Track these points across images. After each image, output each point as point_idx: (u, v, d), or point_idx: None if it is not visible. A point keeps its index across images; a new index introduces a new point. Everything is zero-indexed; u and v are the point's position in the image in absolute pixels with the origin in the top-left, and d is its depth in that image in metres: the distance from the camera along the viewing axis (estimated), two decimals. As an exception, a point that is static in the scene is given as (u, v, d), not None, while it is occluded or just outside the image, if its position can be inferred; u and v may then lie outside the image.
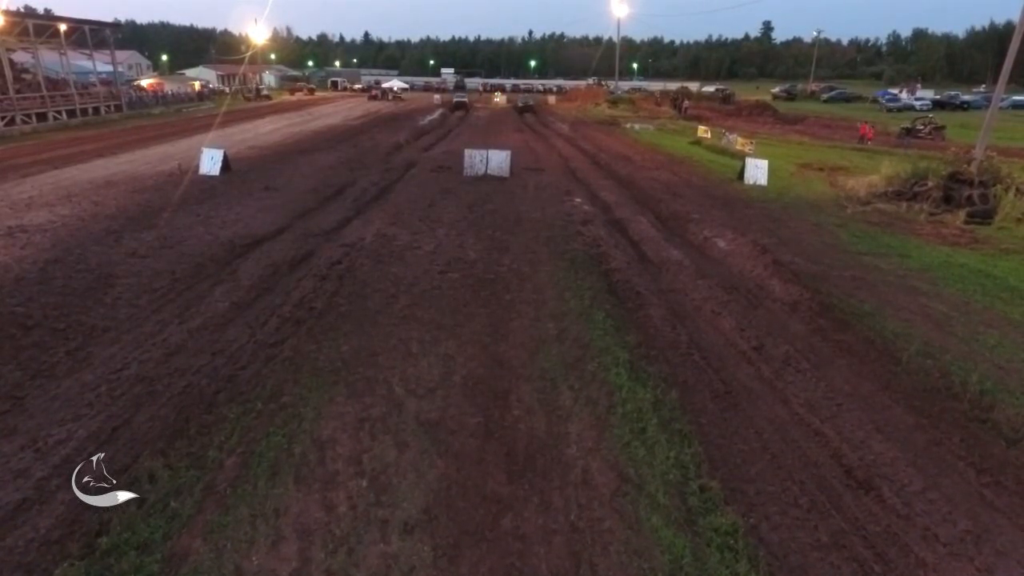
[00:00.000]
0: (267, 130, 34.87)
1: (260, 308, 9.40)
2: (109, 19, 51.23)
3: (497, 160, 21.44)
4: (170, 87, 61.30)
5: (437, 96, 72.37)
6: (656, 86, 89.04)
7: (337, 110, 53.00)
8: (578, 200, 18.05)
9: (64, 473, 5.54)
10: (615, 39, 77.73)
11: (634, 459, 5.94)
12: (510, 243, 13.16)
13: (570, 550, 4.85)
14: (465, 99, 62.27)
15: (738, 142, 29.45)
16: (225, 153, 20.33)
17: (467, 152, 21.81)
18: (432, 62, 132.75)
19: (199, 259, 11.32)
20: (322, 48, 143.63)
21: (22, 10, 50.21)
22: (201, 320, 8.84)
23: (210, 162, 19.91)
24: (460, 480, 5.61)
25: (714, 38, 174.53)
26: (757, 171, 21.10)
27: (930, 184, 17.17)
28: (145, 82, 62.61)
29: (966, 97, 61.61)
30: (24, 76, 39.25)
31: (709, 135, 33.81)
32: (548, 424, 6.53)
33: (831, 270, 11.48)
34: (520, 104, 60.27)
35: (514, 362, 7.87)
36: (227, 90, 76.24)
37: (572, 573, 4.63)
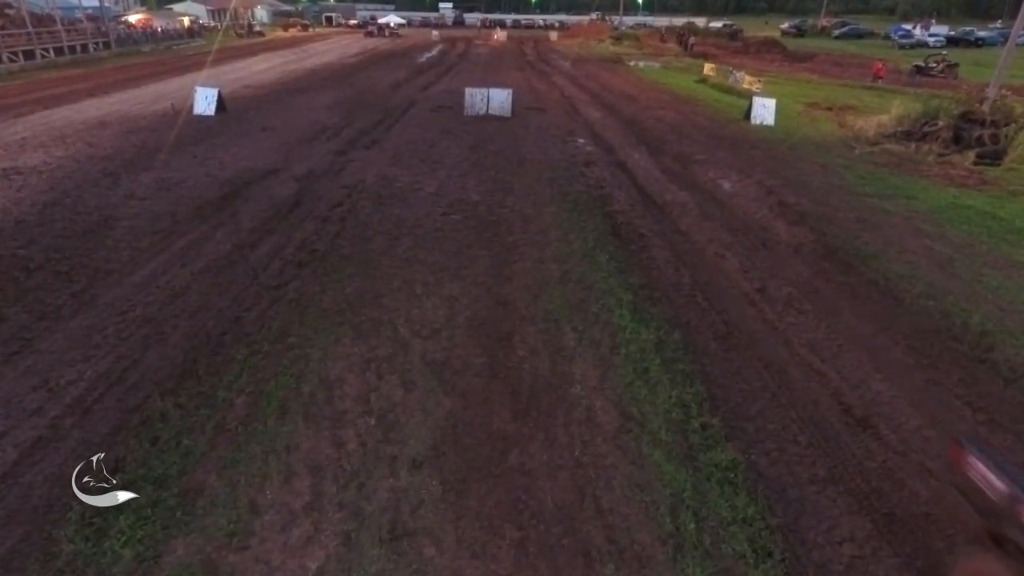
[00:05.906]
0: (261, 68, 33.90)
1: (262, 250, 9.38)
2: (92, -51, 48.63)
3: (498, 99, 20.94)
4: (159, 23, 59.13)
5: (435, 32, 70.01)
6: (661, 22, 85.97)
7: (332, 47, 51.35)
8: (581, 140, 17.72)
9: (77, 412, 5.67)
10: (620, -29, 74.61)
11: (637, 398, 6.04)
12: (513, 184, 12.99)
13: (575, 484, 4.99)
14: None
15: (745, 80, 28.61)
16: (220, 92, 19.83)
17: (468, 91, 21.27)
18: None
19: (198, 201, 11.21)
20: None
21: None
22: (204, 262, 8.83)
23: (204, 102, 19.43)
24: (466, 418, 5.72)
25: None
26: (764, 111, 20.61)
27: (940, 124, 16.79)
28: (133, 18, 60.29)
29: (981, 33, 59.32)
30: (8, 11, 37.79)
31: (716, 73, 32.87)
32: (552, 364, 6.60)
33: (836, 212, 11.37)
34: None
35: (518, 303, 7.90)
36: (218, 26, 73.63)
37: (577, 506, 4.78)
